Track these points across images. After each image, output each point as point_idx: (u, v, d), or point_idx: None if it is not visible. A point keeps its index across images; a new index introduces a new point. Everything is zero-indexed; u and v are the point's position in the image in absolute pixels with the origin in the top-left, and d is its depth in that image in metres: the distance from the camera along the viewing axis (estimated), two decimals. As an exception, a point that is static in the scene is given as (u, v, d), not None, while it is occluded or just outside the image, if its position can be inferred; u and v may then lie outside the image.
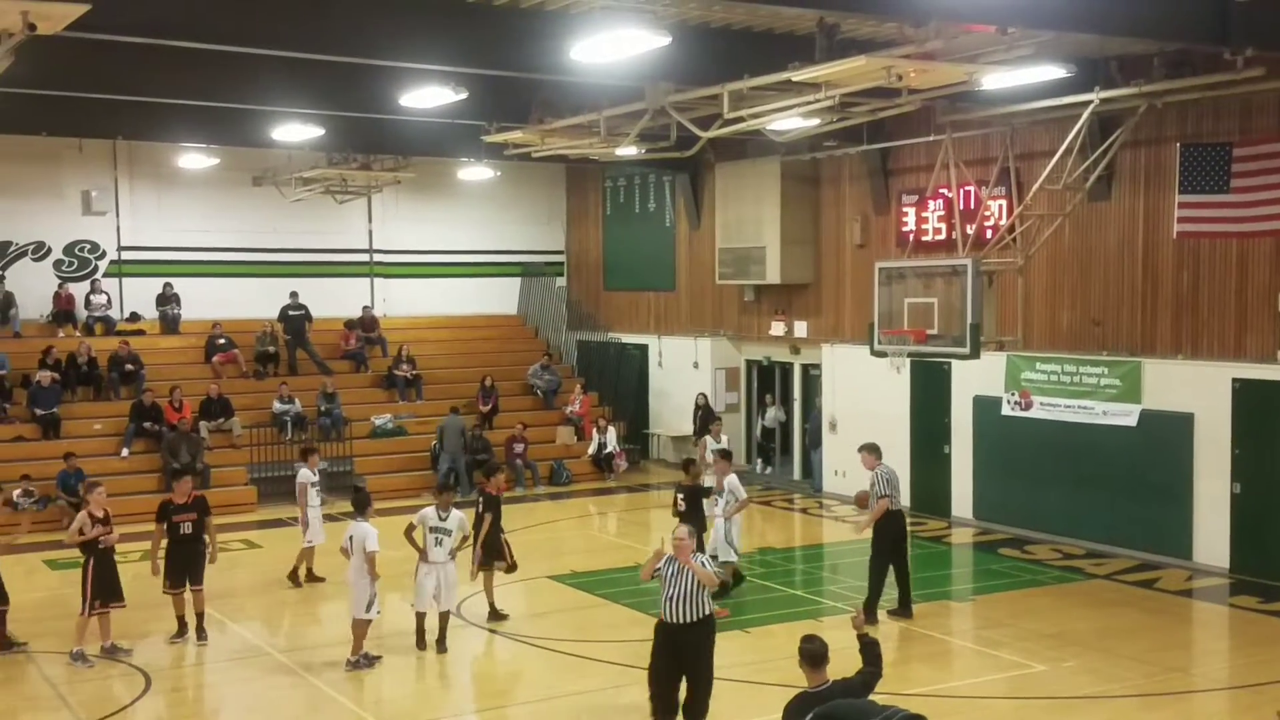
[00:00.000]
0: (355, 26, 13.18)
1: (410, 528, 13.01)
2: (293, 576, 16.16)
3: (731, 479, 14.94)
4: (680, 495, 14.81)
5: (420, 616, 12.96)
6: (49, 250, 24.44)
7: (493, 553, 14.04)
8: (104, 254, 24.90)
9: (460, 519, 13.09)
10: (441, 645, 12.91)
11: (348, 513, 15.66)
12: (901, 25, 12.09)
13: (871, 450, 14.28)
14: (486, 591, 14.17)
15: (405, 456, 23.34)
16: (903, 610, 14.04)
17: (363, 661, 12.34)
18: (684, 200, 25.63)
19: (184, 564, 13.37)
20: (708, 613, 9.88)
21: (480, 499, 14.34)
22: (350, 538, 12.37)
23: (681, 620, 9.77)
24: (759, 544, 17.63)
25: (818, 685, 7.08)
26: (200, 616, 13.51)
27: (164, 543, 13.37)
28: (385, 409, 24.53)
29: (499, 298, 28.94)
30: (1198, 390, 16.31)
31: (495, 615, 14.10)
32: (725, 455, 15.79)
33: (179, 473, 13.90)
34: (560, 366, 27.40)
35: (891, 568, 14.01)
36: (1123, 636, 13.39)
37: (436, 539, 12.84)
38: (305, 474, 16.20)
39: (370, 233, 27.51)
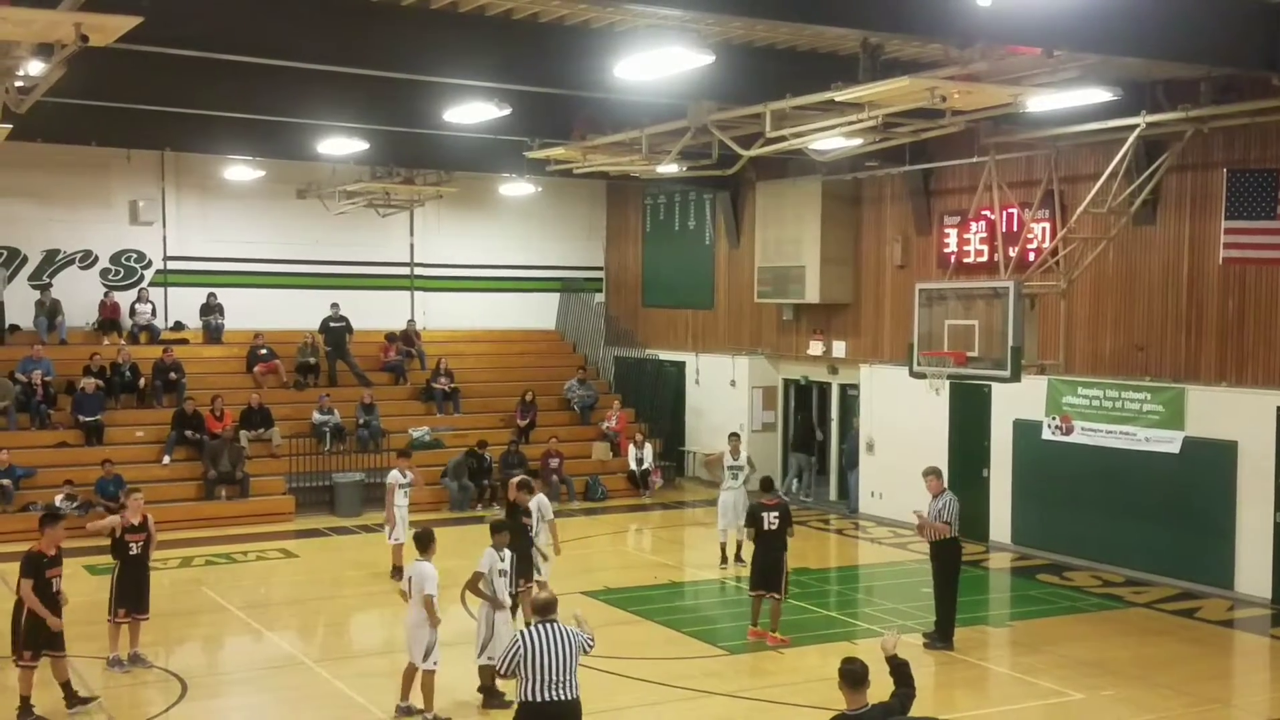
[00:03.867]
0: (401, 42, 13.31)
1: (478, 576, 11.68)
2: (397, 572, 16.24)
3: (541, 498, 14.52)
4: (773, 515, 14.09)
5: (488, 670, 11.72)
6: (96, 259, 24.74)
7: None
8: (150, 263, 25.18)
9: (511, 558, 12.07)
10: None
11: (381, 523, 15.77)
12: (946, 46, 12.07)
13: (936, 475, 14.17)
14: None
15: (442, 470, 23.40)
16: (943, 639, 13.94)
17: (408, 711, 11.40)
18: (724, 218, 25.63)
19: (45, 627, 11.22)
20: None
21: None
22: (409, 579, 11.36)
23: None
24: (793, 564, 17.48)
25: (858, 708, 7.03)
26: (65, 686, 11.48)
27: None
28: (423, 421, 24.65)
29: (538, 313, 29.03)
30: (1242, 418, 16.09)
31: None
32: (524, 485, 14.55)
33: (51, 517, 11.82)
34: (597, 382, 27.44)
35: (938, 593, 13.97)
36: (1162, 666, 13.22)
37: (505, 583, 11.81)
38: (395, 475, 16.53)
39: (412, 246, 27.68)
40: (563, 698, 8.37)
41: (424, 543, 11.41)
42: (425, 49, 13.49)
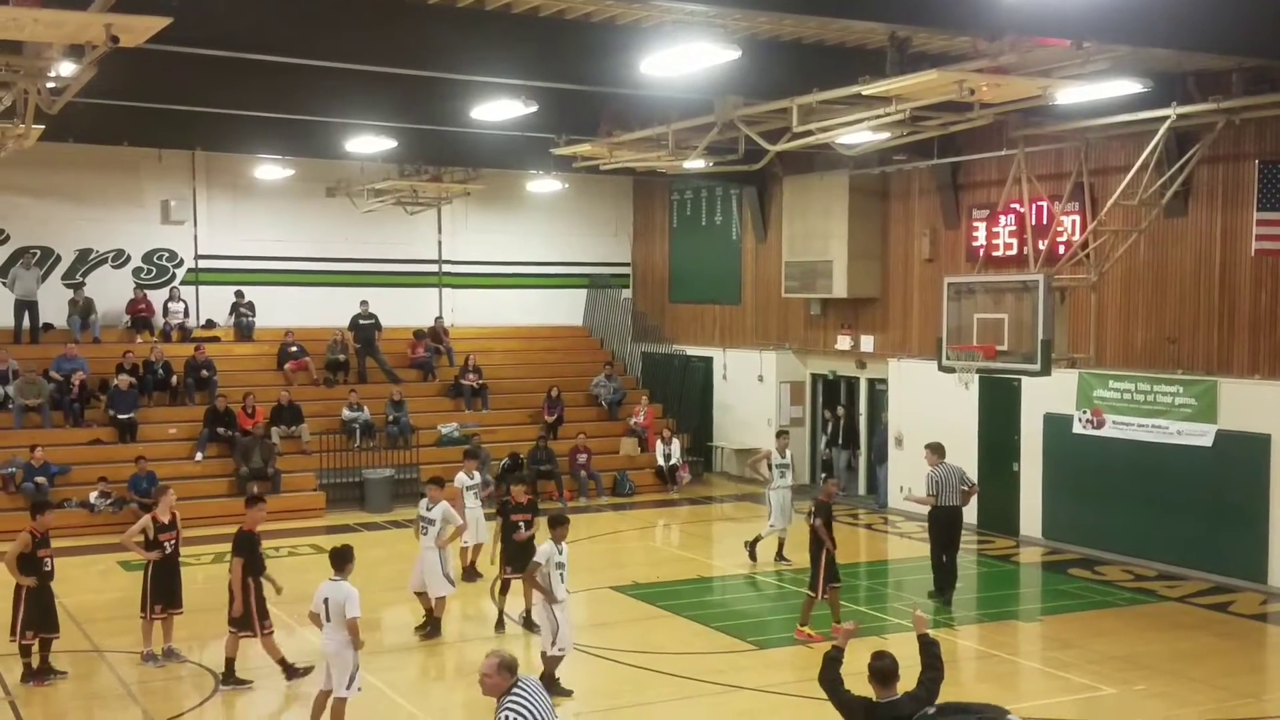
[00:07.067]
0: (428, 40, 13.37)
1: (535, 567, 11.85)
2: (470, 570, 16.54)
3: (445, 506, 14.44)
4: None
5: (557, 660, 11.70)
6: (129, 258, 24.97)
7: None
8: (181, 262, 25.40)
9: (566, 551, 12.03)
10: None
11: (411, 519, 15.82)
12: (975, 39, 12.01)
13: (934, 450, 15.78)
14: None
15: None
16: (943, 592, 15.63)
17: None
18: (751, 213, 25.60)
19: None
20: None
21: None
22: (326, 600, 10.38)
23: None
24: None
25: (887, 698, 7.06)
26: (229, 663, 12.36)
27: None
28: (451, 418, 24.74)
29: (565, 309, 29.10)
30: (1275, 411, 15.94)
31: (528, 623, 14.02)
32: (438, 482, 14.81)
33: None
34: (625, 378, 27.47)
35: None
36: (1195, 660, 13.14)
37: (561, 575, 11.77)
38: (461, 478, 16.54)
39: (440, 243, 27.79)
40: None
41: (340, 561, 10.57)
42: (452, 47, 13.55)
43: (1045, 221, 18.26)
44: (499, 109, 16.03)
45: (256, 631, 12.22)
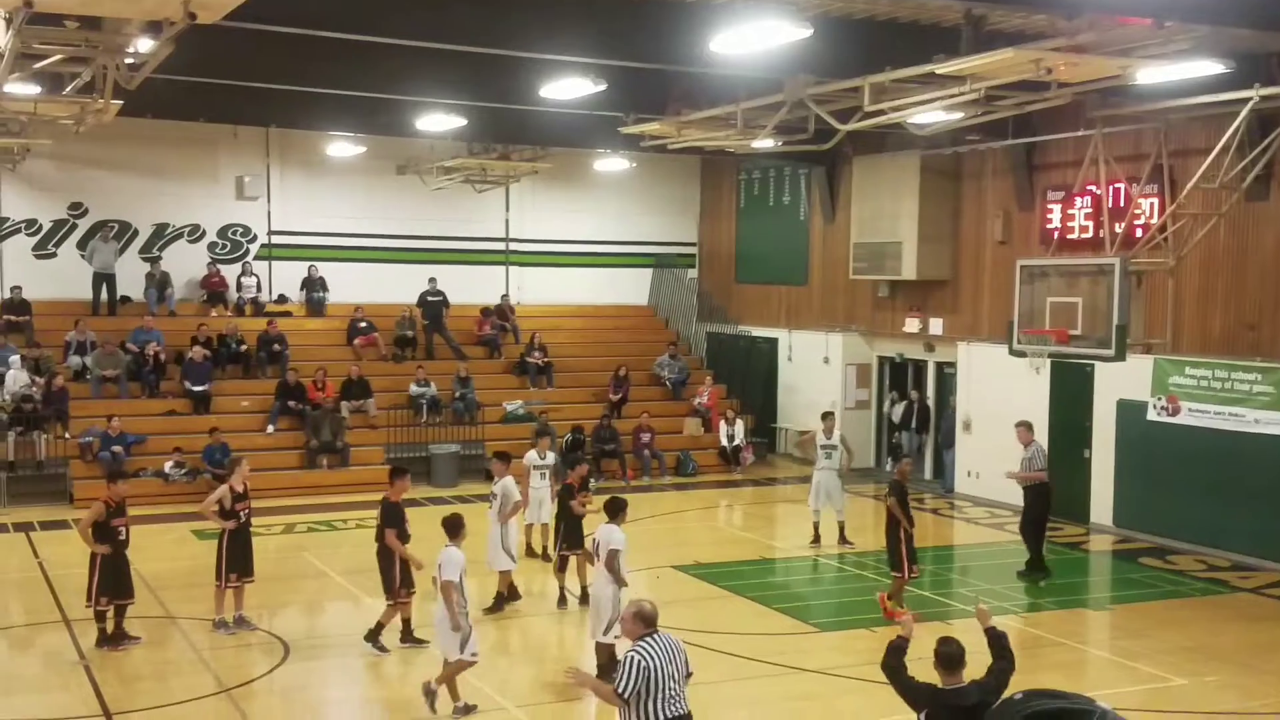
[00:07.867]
0: (499, 19, 13.41)
1: (614, 554, 11.52)
2: (542, 551, 16.59)
3: (507, 481, 14.38)
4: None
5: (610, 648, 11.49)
6: (204, 233, 25.40)
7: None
8: (255, 238, 25.79)
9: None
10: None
11: (480, 494, 15.98)
12: (1053, 17, 11.79)
13: (1027, 427, 15.92)
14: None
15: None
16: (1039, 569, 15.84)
17: (465, 710, 10.89)
18: (819, 194, 25.40)
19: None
20: None
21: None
22: (440, 565, 11.05)
23: None
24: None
25: (953, 685, 6.97)
26: (405, 624, 12.91)
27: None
28: (517, 395, 24.90)
29: (631, 288, 29.10)
30: (1358, 401, 15.56)
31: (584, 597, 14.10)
32: (503, 457, 14.86)
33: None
34: (689, 358, 27.45)
35: (1032, 530, 15.87)
36: (1268, 652, 12.88)
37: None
38: (531, 456, 16.58)
39: (507, 222, 27.92)
40: (683, 712, 7.56)
41: (453, 528, 11.19)
42: (523, 25, 13.59)
43: (1122, 204, 17.92)
44: (568, 87, 16.03)
45: (394, 596, 12.65)
